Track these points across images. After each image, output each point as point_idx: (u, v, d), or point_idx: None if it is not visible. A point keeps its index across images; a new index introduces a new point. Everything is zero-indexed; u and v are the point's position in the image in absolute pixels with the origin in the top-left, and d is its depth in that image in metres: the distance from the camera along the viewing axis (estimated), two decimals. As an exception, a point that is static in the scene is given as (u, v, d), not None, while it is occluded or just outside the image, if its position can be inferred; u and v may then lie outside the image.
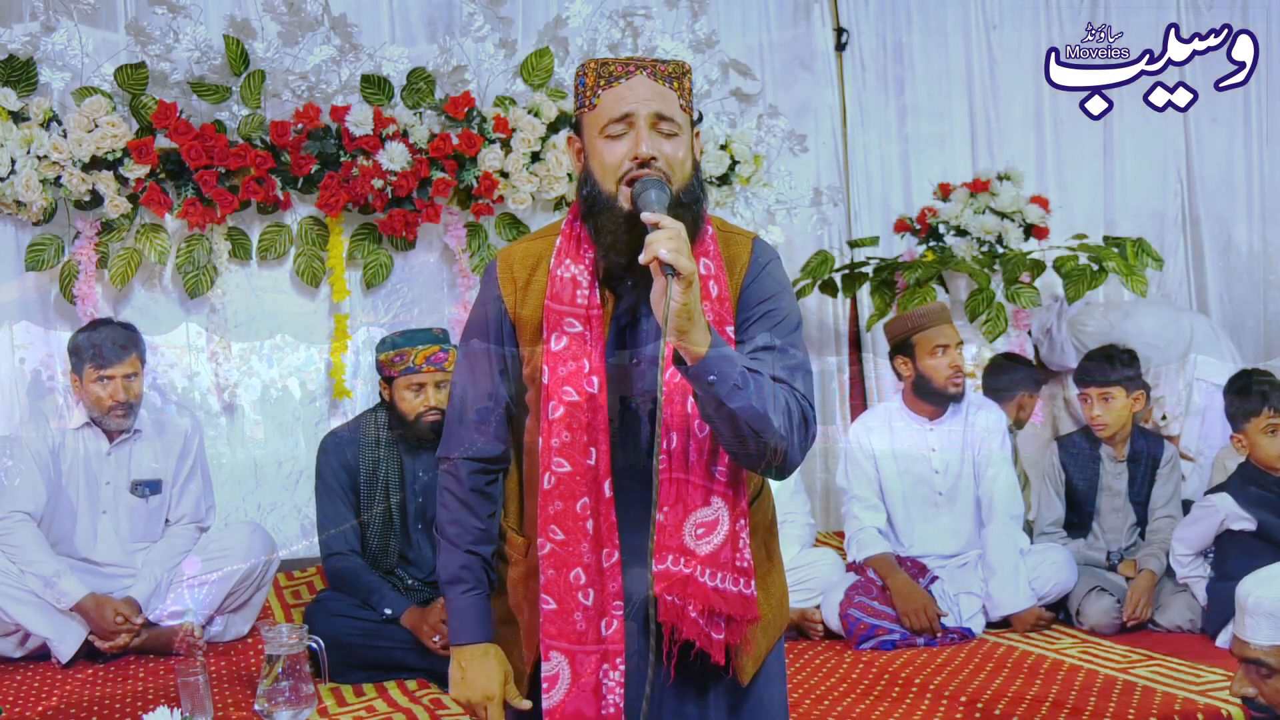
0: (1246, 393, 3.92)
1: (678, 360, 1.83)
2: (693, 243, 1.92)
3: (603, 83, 1.95)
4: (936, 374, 4.03)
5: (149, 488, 3.94)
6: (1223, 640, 3.69)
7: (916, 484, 4.12)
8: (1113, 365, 4.18)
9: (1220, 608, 3.75)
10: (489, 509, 2.12)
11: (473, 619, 2.07)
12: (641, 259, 1.77)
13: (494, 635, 2.09)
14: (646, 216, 1.81)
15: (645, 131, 1.92)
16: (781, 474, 1.96)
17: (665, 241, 1.75)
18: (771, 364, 1.94)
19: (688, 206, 1.93)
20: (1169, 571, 4.09)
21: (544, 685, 2.00)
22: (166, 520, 4.00)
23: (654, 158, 1.91)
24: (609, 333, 2.00)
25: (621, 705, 1.98)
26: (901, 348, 4.10)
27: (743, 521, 1.97)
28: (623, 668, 1.99)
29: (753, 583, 1.98)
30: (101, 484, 3.90)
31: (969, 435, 4.09)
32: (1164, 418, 5.26)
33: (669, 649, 1.95)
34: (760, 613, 2.02)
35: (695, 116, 1.99)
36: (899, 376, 4.17)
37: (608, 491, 1.97)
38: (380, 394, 3.80)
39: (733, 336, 1.97)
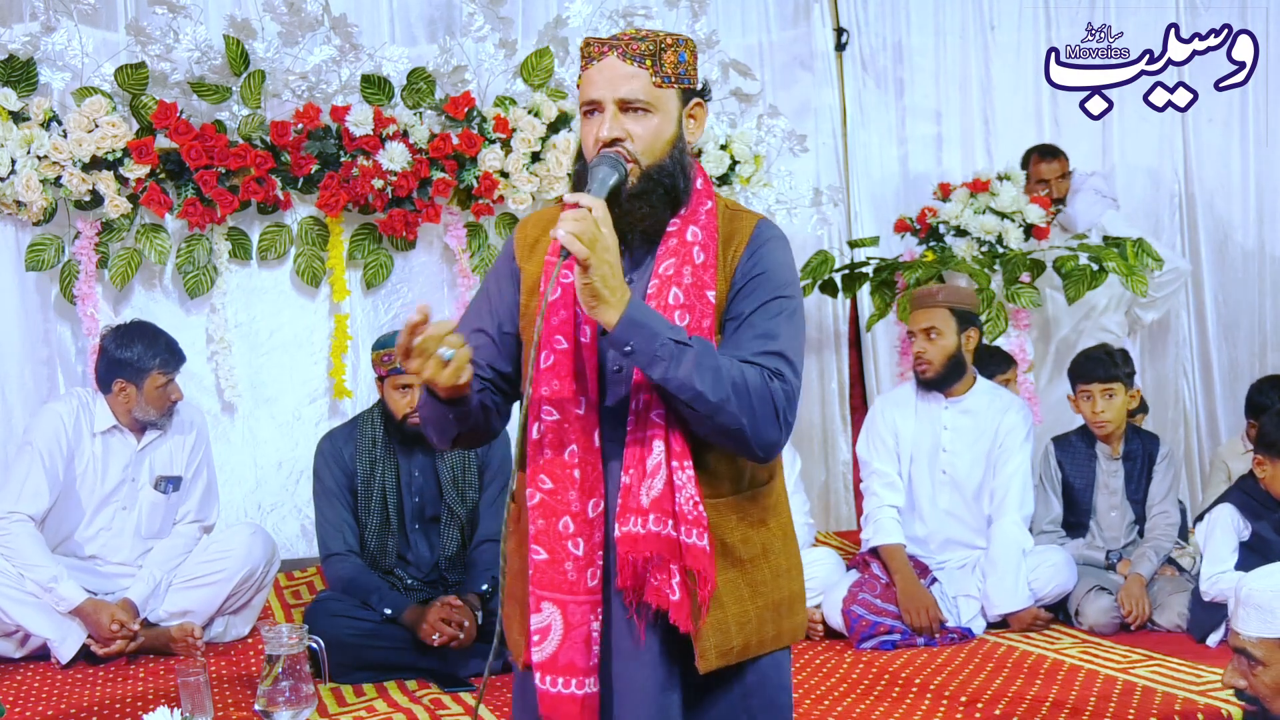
0: None
1: (601, 331, 1.89)
2: (673, 213, 1.98)
3: (584, 62, 2.00)
4: (915, 357, 4.15)
5: (171, 484, 3.96)
6: (1213, 641, 3.71)
7: (922, 456, 4.15)
8: (1113, 361, 4.20)
9: (1204, 613, 3.76)
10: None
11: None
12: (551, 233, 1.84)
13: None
14: (566, 197, 1.84)
15: (610, 115, 1.95)
16: (758, 456, 1.92)
17: (567, 223, 1.79)
18: (743, 334, 1.94)
19: (659, 181, 1.96)
20: (1177, 567, 4.10)
21: (535, 638, 1.93)
22: (175, 520, 4.01)
23: (618, 139, 1.94)
24: None
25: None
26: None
27: (680, 464, 1.90)
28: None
29: (696, 532, 1.89)
30: (127, 480, 3.90)
31: (986, 428, 4.10)
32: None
33: (634, 613, 1.92)
34: (745, 598, 1.97)
35: (690, 87, 2.01)
36: None
37: (596, 441, 1.95)
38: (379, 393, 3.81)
39: (712, 300, 1.95)
